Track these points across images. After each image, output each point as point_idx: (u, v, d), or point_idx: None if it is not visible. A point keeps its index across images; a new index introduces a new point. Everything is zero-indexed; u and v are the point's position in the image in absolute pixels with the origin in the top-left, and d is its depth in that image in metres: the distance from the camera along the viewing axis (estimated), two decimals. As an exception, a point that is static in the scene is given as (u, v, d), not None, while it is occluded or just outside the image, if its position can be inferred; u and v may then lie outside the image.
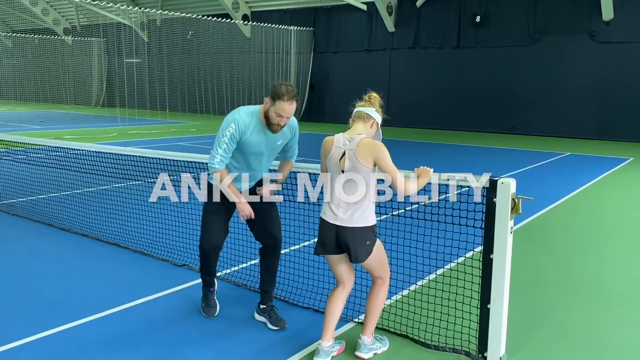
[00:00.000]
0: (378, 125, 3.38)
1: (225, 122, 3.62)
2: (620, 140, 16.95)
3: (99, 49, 31.15)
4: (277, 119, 3.56)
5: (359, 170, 3.21)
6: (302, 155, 4.30)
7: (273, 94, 3.53)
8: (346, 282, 3.45)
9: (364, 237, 3.26)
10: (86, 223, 6.41)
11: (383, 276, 3.43)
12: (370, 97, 3.40)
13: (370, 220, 3.28)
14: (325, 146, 3.38)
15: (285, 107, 3.51)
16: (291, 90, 3.53)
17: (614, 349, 3.63)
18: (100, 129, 18.53)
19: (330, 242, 3.33)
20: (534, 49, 18.36)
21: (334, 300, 3.42)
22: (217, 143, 3.61)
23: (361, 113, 3.34)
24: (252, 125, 3.63)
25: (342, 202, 3.28)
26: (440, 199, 3.96)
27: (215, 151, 3.60)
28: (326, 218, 3.35)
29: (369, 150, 3.19)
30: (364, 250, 3.27)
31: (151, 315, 4.03)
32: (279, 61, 23.48)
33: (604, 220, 7.19)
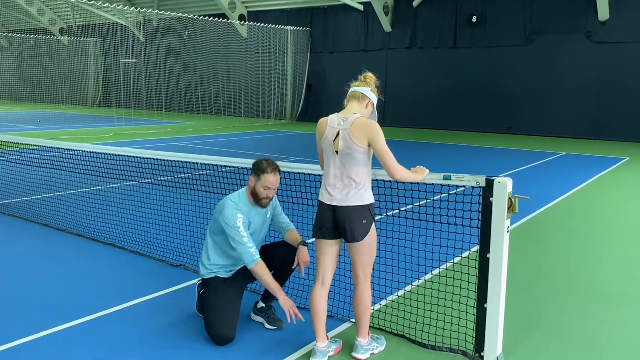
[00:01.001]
0: (374, 106, 3.34)
1: (227, 216, 3.57)
2: (616, 140, 17.00)
3: (95, 49, 31.07)
4: (266, 192, 3.64)
5: (353, 151, 3.17)
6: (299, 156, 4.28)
7: (256, 171, 3.64)
8: (326, 277, 3.39)
9: (360, 216, 3.22)
10: (83, 223, 6.39)
11: (367, 270, 3.35)
12: (365, 77, 3.37)
13: (366, 199, 3.23)
14: (320, 127, 3.35)
15: (271, 178, 3.61)
16: (272, 162, 3.67)
17: (611, 349, 3.64)
18: (97, 130, 18.48)
19: (327, 224, 3.29)
20: (530, 49, 18.40)
21: (317, 298, 3.37)
22: (237, 238, 3.55)
23: (356, 93, 3.31)
24: (249, 208, 3.70)
25: (338, 182, 3.25)
26: (436, 199, 3.96)
27: (243, 247, 3.54)
28: (323, 200, 3.32)
29: (363, 130, 3.15)
30: (361, 229, 3.22)
31: (148, 315, 4.01)
32: (276, 61, 23.47)
33: (601, 220, 7.20)
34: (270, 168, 3.61)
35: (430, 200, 3.91)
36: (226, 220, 3.58)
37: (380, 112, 3.43)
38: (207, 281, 3.81)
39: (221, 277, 3.79)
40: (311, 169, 4.03)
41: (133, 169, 6.11)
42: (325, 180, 3.34)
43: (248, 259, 3.54)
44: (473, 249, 3.96)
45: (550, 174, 10.74)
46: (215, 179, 5.45)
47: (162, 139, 15.98)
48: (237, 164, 4.68)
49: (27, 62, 32.23)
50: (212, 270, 3.79)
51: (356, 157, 3.19)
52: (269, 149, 14.08)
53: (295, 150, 13.87)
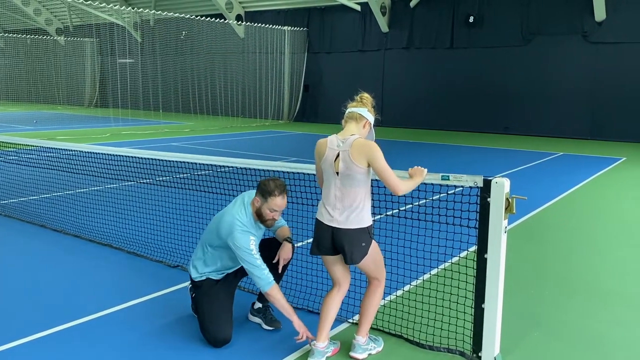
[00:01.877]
0: (371, 125, 3.37)
1: (239, 240, 3.47)
2: (613, 140, 17.05)
3: (91, 49, 31.00)
4: (271, 214, 3.57)
5: (353, 172, 3.21)
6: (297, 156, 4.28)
7: (262, 192, 3.53)
8: (342, 283, 3.44)
9: (359, 239, 3.25)
10: (79, 224, 6.37)
11: (379, 277, 3.42)
12: (362, 97, 3.40)
13: (366, 221, 3.27)
14: (319, 149, 3.37)
15: (278, 201, 3.52)
16: (280, 184, 3.55)
17: (609, 348, 3.64)
18: (94, 130, 18.44)
19: (325, 243, 3.32)
20: (527, 49, 18.43)
21: (330, 301, 3.42)
22: (251, 262, 3.46)
23: (353, 114, 3.33)
24: (254, 226, 3.63)
25: (338, 204, 3.27)
26: (434, 199, 3.96)
27: (258, 270, 3.45)
28: (322, 219, 3.34)
29: (362, 151, 3.19)
30: (359, 251, 3.26)
31: (145, 316, 4.00)
32: (273, 61, 23.46)
33: (598, 219, 7.22)
34: (277, 190, 3.50)
35: (429, 200, 3.91)
36: (237, 244, 3.48)
37: (377, 111, 3.44)
38: (199, 284, 3.77)
39: (212, 278, 3.77)
40: (309, 169, 4.03)
41: (130, 169, 6.10)
42: (325, 199, 3.36)
43: (263, 282, 3.45)
44: (471, 249, 3.97)
45: (547, 174, 10.76)
46: (213, 179, 5.44)
47: (159, 139, 15.95)
48: (235, 164, 4.68)
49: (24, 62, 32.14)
50: (205, 274, 3.77)
51: (356, 178, 3.22)
52: (266, 149, 14.07)
53: (293, 150, 13.87)
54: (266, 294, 3.49)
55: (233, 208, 3.65)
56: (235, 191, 4.98)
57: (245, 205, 3.64)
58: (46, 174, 7.63)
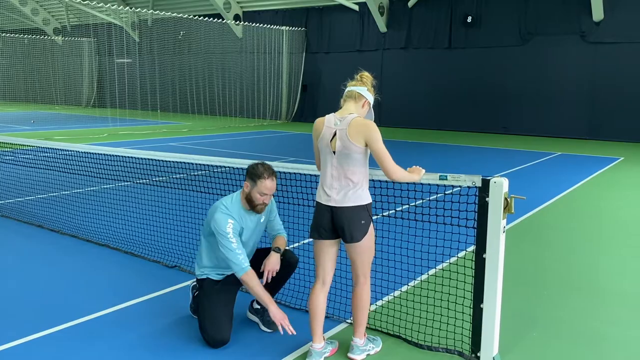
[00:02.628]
0: (370, 105, 3.33)
1: (218, 221, 3.49)
2: (611, 140, 17.06)
3: (89, 49, 30.95)
4: (262, 198, 3.56)
5: (350, 151, 3.16)
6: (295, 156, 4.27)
7: (252, 175, 3.53)
8: (326, 278, 3.38)
9: (358, 216, 3.20)
10: (76, 224, 6.35)
11: (366, 270, 3.35)
12: (362, 76, 3.35)
13: (364, 198, 3.22)
14: (316, 127, 3.33)
15: (268, 184, 3.51)
16: (268, 167, 3.56)
17: (607, 347, 3.64)
18: (91, 130, 18.41)
19: (325, 225, 3.27)
20: (525, 49, 18.45)
21: (315, 299, 3.37)
22: (226, 244, 3.44)
23: (353, 92, 3.29)
24: (241, 213, 3.62)
25: (335, 183, 3.23)
26: (432, 199, 3.95)
27: (231, 253, 3.43)
28: (320, 200, 3.30)
29: (360, 130, 3.14)
30: (359, 229, 3.21)
31: (142, 317, 3.99)
32: (271, 61, 23.44)
33: (596, 219, 7.22)
34: (266, 173, 3.51)
35: (426, 200, 3.90)
36: (216, 226, 3.49)
37: (375, 112, 3.42)
38: (200, 283, 3.78)
39: (213, 279, 3.76)
40: (307, 169, 4.01)
41: (128, 170, 6.08)
42: (322, 180, 3.32)
43: (236, 267, 3.44)
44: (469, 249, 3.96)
45: (546, 173, 10.76)
46: (211, 179, 5.42)
47: (157, 139, 15.93)
48: (233, 164, 4.66)
49: (21, 62, 32.06)
50: (204, 272, 3.77)
51: (353, 157, 3.17)
52: (264, 149, 14.05)
53: (291, 150, 13.85)
54: (241, 280, 3.47)
55: (224, 197, 3.72)
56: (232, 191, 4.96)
57: (235, 194, 3.69)
58: (43, 174, 7.61)
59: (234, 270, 3.47)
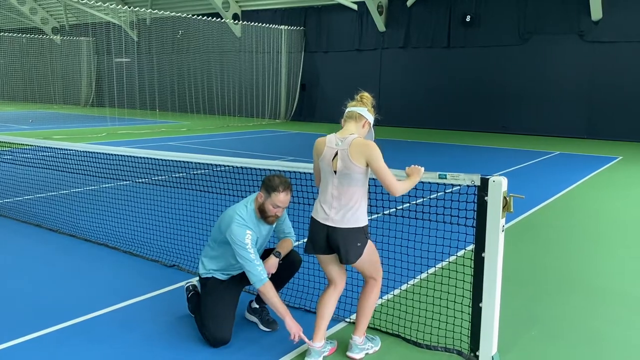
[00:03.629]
0: (370, 125, 3.36)
1: (236, 233, 3.47)
2: (609, 139, 17.09)
3: (88, 48, 30.91)
4: (274, 210, 3.55)
5: (351, 171, 3.19)
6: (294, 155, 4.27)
7: (267, 187, 3.53)
8: (337, 282, 3.43)
9: (355, 239, 3.24)
10: (75, 224, 6.34)
11: (375, 276, 3.40)
12: (362, 96, 3.38)
13: (361, 220, 3.26)
14: (317, 147, 3.36)
15: (282, 197, 3.51)
16: (285, 181, 3.55)
17: (606, 346, 3.64)
18: (90, 129, 18.39)
19: (320, 242, 3.30)
20: (523, 48, 18.46)
21: (326, 300, 3.40)
22: (245, 256, 3.44)
23: (353, 113, 3.32)
24: (255, 223, 3.62)
25: (335, 202, 3.26)
26: (432, 197, 3.95)
27: (251, 265, 3.43)
28: (317, 218, 3.32)
29: (361, 151, 3.18)
30: (354, 251, 3.25)
31: (142, 316, 3.98)
32: (270, 61, 23.43)
33: (595, 218, 7.23)
34: (282, 187, 3.50)
35: (426, 199, 3.90)
36: (233, 237, 3.48)
37: (374, 111, 3.42)
38: (204, 281, 3.78)
39: (218, 278, 3.76)
40: (306, 168, 4.01)
41: (127, 169, 6.07)
42: (321, 198, 3.34)
43: (255, 278, 3.44)
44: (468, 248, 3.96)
45: (544, 173, 10.77)
46: (210, 179, 5.42)
47: (156, 138, 15.92)
48: (232, 164, 4.66)
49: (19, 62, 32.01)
50: (210, 272, 3.77)
51: (354, 177, 3.20)
52: (263, 148, 14.05)
53: (290, 149, 13.85)
54: (259, 291, 3.48)
55: (237, 204, 3.70)
56: (232, 190, 4.97)
57: (248, 202, 3.66)
58: (42, 174, 7.60)
59: (252, 280, 3.46)
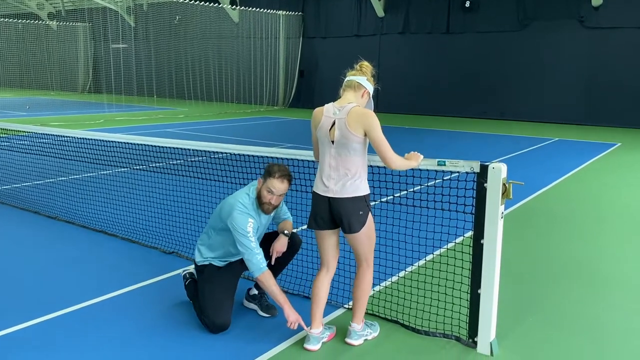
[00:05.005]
0: (369, 95, 3.30)
1: (238, 221, 3.45)
2: (608, 125, 17.06)
3: (84, 34, 30.67)
4: (268, 196, 3.52)
5: (349, 140, 3.13)
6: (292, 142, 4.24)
7: (265, 173, 3.54)
8: (330, 264, 3.40)
9: (356, 207, 3.19)
10: (73, 210, 6.33)
11: (368, 258, 3.36)
12: (361, 65, 3.32)
13: (362, 189, 3.21)
14: (315, 116, 3.31)
15: (276, 184, 3.49)
16: (284, 169, 3.53)
17: (604, 333, 3.66)
18: (87, 116, 18.31)
19: (323, 215, 3.26)
20: (523, 34, 18.36)
21: (319, 284, 3.39)
22: (245, 244, 3.43)
23: (352, 82, 3.26)
24: (257, 210, 3.60)
25: (333, 173, 3.21)
26: (430, 184, 3.95)
27: (250, 253, 3.42)
28: (318, 191, 3.28)
29: (359, 120, 3.12)
30: (357, 219, 3.20)
31: (141, 303, 3.99)
32: (268, 46, 23.28)
33: (594, 205, 7.23)
34: (278, 173, 3.49)
35: (424, 186, 3.89)
36: (235, 225, 3.46)
37: (373, 97, 3.39)
38: (201, 268, 3.78)
39: (215, 265, 3.76)
40: (305, 155, 3.99)
41: (124, 156, 6.05)
42: (320, 170, 3.31)
43: (254, 267, 3.43)
44: (467, 235, 3.97)
45: (543, 159, 10.76)
46: (208, 166, 5.40)
47: (154, 125, 15.86)
48: (230, 151, 4.64)
49: (16, 47, 31.75)
50: (207, 259, 3.77)
51: (352, 147, 3.15)
52: (261, 135, 14.01)
53: (288, 136, 13.81)
54: (257, 279, 3.48)
55: (238, 192, 3.69)
56: (229, 177, 4.95)
57: (250, 190, 3.66)
58: (40, 161, 7.57)
59: (252, 269, 3.46)
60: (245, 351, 3.32)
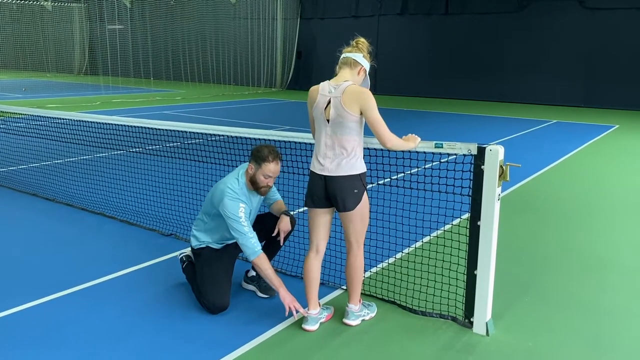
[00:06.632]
0: (366, 72, 3.26)
1: (229, 207, 3.46)
2: (606, 107, 17.03)
3: (80, 15, 30.34)
4: (266, 180, 3.55)
5: (344, 119, 3.12)
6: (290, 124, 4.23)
7: (256, 158, 3.52)
8: (319, 245, 3.41)
9: (352, 185, 3.20)
10: (71, 193, 6.33)
11: (359, 238, 3.36)
12: (357, 42, 3.27)
13: (358, 168, 3.21)
14: (311, 95, 3.29)
15: (272, 167, 3.51)
16: (273, 150, 3.54)
17: (598, 312, 3.70)
18: (84, 98, 18.20)
19: (319, 193, 3.27)
20: (522, 15, 18.22)
21: (310, 267, 3.40)
22: (239, 229, 3.44)
23: (348, 59, 3.23)
24: (247, 195, 3.61)
25: (329, 152, 3.21)
26: (428, 167, 3.95)
27: (244, 237, 3.44)
28: (315, 170, 3.29)
29: (355, 98, 3.10)
30: (352, 198, 3.21)
31: (139, 284, 4.02)
32: (265, 27, 23.08)
33: (591, 187, 7.26)
34: (271, 156, 3.50)
35: (422, 168, 3.90)
36: (227, 211, 3.48)
37: (371, 79, 3.37)
38: (198, 251, 3.80)
39: (212, 247, 3.79)
40: (302, 137, 3.99)
41: (122, 138, 6.03)
42: (316, 149, 3.30)
43: (249, 250, 3.45)
44: (464, 217, 3.99)
45: (541, 141, 10.77)
46: (205, 148, 5.40)
47: (151, 107, 15.78)
48: (227, 133, 4.63)
49: (10, 29, 31.42)
50: (204, 243, 3.79)
51: (348, 126, 3.14)
52: (259, 117, 13.96)
53: (286, 118, 13.77)
54: (253, 263, 3.50)
55: (227, 177, 3.68)
56: (227, 160, 4.95)
57: (239, 175, 3.65)
58: (37, 143, 7.55)
59: (247, 253, 3.49)
60: (244, 331, 3.36)
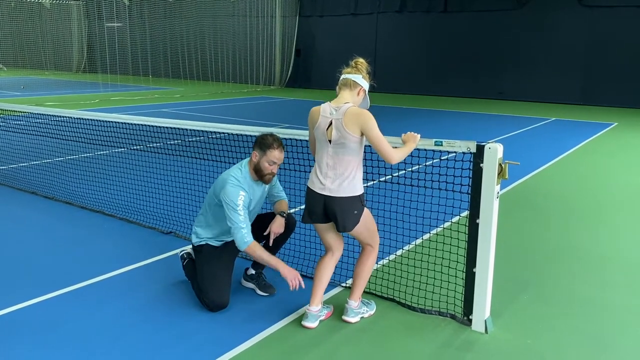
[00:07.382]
0: (365, 93, 3.32)
1: (229, 193, 3.50)
2: (605, 105, 17.05)
3: (78, 12, 30.29)
4: (270, 167, 3.59)
5: (346, 140, 3.19)
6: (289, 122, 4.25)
7: (261, 145, 3.58)
8: (335, 249, 3.47)
9: (351, 207, 3.26)
10: (71, 191, 6.34)
11: (372, 243, 3.44)
12: (356, 63, 3.33)
13: (358, 189, 3.27)
14: (312, 116, 3.35)
15: (277, 154, 3.57)
16: (277, 138, 3.62)
17: (597, 310, 3.71)
18: (82, 95, 18.18)
19: (318, 211, 3.33)
20: (521, 13, 18.22)
21: (323, 266, 3.45)
22: (233, 218, 3.48)
23: (347, 80, 3.28)
24: (250, 184, 3.64)
25: (330, 172, 3.26)
26: (427, 164, 3.96)
27: (236, 226, 3.48)
28: (314, 188, 3.33)
29: (355, 120, 3.16)
30: (351, 219, 3.27)
31: (139, 282, 4.03)
32: (264, 25, 23.07)
33: (589, 185, 7.28)
34: (276, 143, 3.57)
35: (422, 165, 3.91)
36: (226, 197, 3.51)
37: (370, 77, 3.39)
38: (198, 248, 3.82)
39: (212, 245, 3.80)
40: (302, 135, 4.00)
41: (121, 136, 6.04)
42: (317, 167, 3.34)
43: (240, 240, 3.50)
44: (463, 214, 4.00)
45: (540, 139, 10.79)
46: (205, 146, 5.40)
47: (150, 105, 15.77)
48: (227, 130, 4.64)
49: (8, 26, 31.37)
50: (203, 239, 3.81)
51: (349, 147, 3.20)
52: (258, 115, 13.96)
53: (285, 116, 13.77)
54: (246, 252, 3.54)
55: (231, 168, 3.74)
56: (227, 157, 4.96)
57: (242, 165, 3.71)
58: (36, 141, 7.55)
59: (237, 243, 3.52)
60: (244, 328, 3.37)
